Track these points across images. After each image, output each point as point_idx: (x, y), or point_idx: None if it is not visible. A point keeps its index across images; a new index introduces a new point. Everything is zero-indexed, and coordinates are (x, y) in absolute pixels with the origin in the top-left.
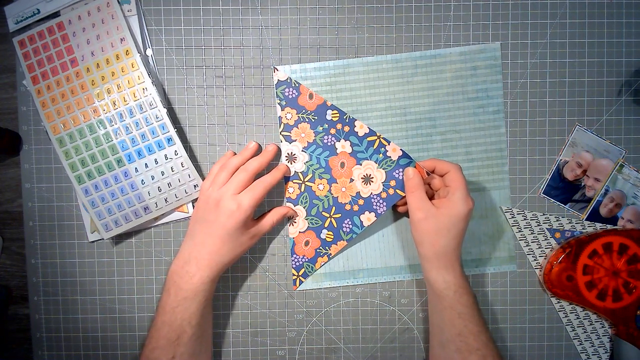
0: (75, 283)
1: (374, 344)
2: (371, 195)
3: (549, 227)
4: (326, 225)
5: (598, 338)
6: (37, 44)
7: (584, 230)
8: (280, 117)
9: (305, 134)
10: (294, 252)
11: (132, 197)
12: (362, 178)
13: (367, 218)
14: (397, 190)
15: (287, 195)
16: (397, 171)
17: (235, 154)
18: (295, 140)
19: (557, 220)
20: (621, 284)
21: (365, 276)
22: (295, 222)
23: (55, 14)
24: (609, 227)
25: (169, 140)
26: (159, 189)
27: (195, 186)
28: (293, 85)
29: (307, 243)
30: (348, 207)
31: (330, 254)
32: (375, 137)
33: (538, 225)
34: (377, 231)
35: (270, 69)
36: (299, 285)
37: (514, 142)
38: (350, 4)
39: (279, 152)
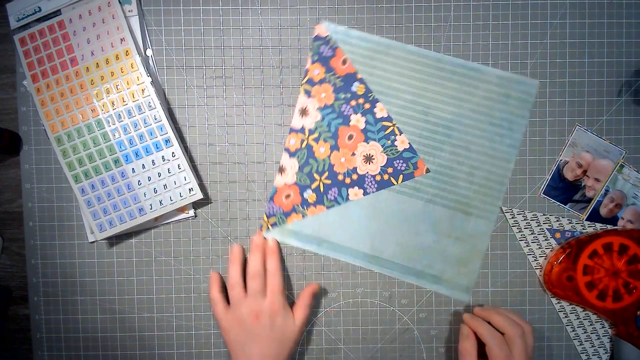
0: (75, 283)
1: (374, 344)
2: (366, 174)
3: (549, 227)
4: (313, 187)
5: (598, 338)
6: (38, 42)
7: (584, 231)
8: (307, 70)
9: (325, 95)
10: (272, 200)
11: (128, 198)
12: (364, 156)
13: (355, 193)
14: (392, 178)
15: (286, 145)
16: (397, 161)
17: (218, 272)
18: (313, 97)
19: (557, 221)
20: (621, 284)
21: (328, 249)
22: (284, 172)
23: (57, 12)
24: (609, 227)
25: (167, 141)
26: (155, 191)
27: (190, 189)
28: (331, 45)
29: (288, 196)
30: (341, 177)
31: (306, 214)
32: (391, 124)
33: (538, 225)
34: (359, 211)
35: (270, 69)
36: (265, 231)
37: None
38: (350, 4)
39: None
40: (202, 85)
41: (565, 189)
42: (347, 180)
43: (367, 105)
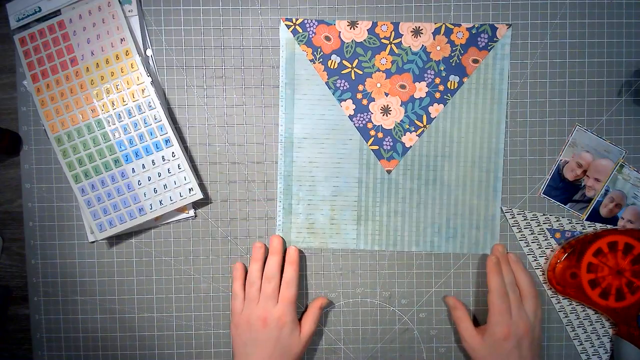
0: (75, 283)
1: (374, 344)
2: (369, 113)
3: (549, 227)
4: (345, 63)
5: (598, 338)
6: (38, 42)
7: (584, 231)
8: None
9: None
10: (318, 24)
11: (128, 198)
12: (386, 106)
13: (347, 107)
14: (372, 139)
15: (376, 30)
16: (389, 140)
17: (243, 263)
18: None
19: (557, 221)
20: (624, 283)
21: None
22: (352, 28)
23: (57, 12)
24: (609, 227)
25: (167, 141)
26: (155, 191)
27: (190, 189)
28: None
29: (328, 39)
30: (361, 87)
31: (315, 62)
32: (422, 124)
33: (538, 225)
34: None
35: (270, 69)
36: (283, 29)
37: (514, 142)
38: (350, 4)
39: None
40: (202, 85)
41: (565, 189)
42: (359, 96)
43: (437, 95)
